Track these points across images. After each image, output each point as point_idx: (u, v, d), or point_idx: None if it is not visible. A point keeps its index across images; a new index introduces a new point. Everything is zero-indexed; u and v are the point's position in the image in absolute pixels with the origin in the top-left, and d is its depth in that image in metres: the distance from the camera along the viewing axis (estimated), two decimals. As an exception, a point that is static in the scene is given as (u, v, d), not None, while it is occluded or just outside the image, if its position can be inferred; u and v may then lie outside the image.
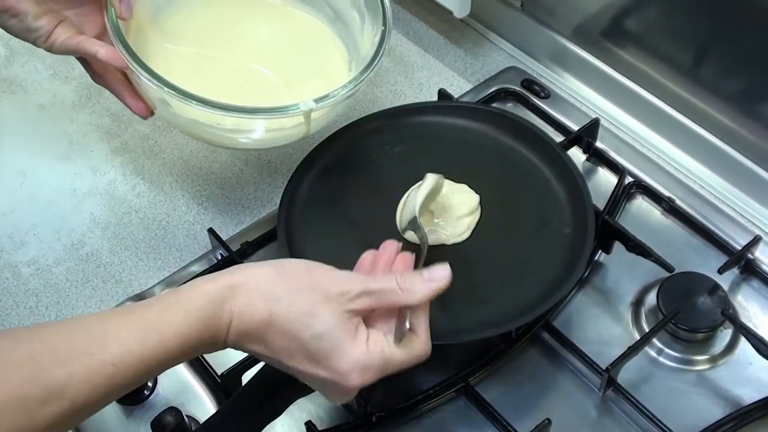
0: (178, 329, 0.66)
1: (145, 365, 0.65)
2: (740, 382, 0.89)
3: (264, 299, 0.68)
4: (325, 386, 0.71)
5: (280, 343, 0.69)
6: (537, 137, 1.02)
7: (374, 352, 0.70)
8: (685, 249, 1.00)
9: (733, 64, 1.03)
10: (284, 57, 1.01)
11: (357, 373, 0.69)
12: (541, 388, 0.91)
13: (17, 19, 0.86)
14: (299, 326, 0.68)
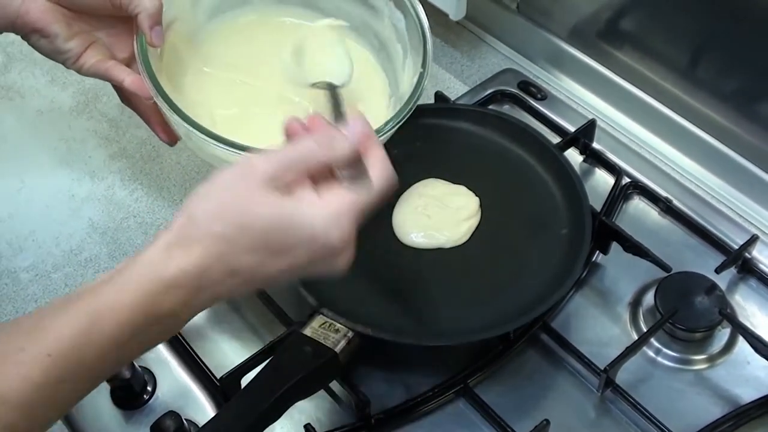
0: (111, 305, 0.62)
1: (83, 349, 0.61)
2: (738, 381, 0.89)
3: (199, 242, 0.63)
4: (316, 263, 0.67)
5: (244, 264, 0.64)
6: (534, 139, 1.02)
7: (332, 200, 0.66)
8: (682, 249, 1.00)
9: (729, 64, 1.03)
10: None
11: (331, 227, 0.65)
12: (539, 389, 0.91)
13: (47, 41, 0.86)
14: (248, 237, 0.64)
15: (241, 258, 0.64)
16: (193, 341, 0.92)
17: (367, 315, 0.87)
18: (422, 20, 0.94)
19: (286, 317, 0.92)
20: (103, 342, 0.61)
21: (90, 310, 0.61)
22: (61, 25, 0.86)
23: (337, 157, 0.67)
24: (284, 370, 0.80)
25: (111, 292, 0.62)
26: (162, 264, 0.63)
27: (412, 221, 0.97)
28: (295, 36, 0.98)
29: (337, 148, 0.67)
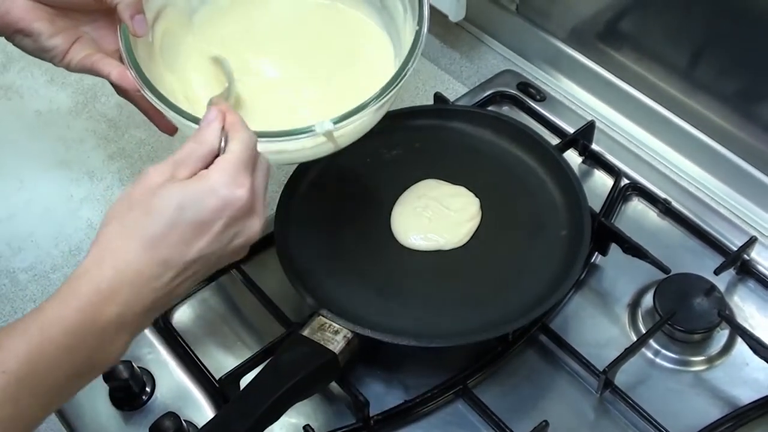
0: (58, 313, 0.63)
1: (35, 361, 0.61)
2: (737, 382, 0.90)
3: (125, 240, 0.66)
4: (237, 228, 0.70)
5: (170, 252, 0.67)
6: (533, 140, 1.02)
7: (221, 167, 0.69)
8: (681, 250, 1.00)
9: (728, 66, 1.03)
10: (329, 54, 0.98)
11: (232, 186, 0.68)
12: (538, 390, 0.91)
13: (31, 39, 0.85)
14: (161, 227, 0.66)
15: (166, 248, 0.67)
16: (192, 342, 0.93)
17: (366, 316, 0.88)
18: None
19: (285, 318, 0.92)
20: (53, 352, 0.62)
21: (39, 324, 0.62)
22: (43, 23, 0.85)
23: (211, 142, 0.71)
24: (283, 371, 0.80)
25: (56, 305, 0.64)
26: (96, 266, 0.65)
27: (411, 223, 0.97)
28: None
29: (208, 139, 0.71)
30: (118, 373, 0.85)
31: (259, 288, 0.95)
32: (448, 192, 0.99)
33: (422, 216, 0.97)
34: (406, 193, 1.00)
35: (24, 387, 0.61)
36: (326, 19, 1.00)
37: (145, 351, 0.92)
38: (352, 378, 0.88)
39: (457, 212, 0.97)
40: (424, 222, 0.96)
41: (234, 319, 0.96)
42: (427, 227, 0.96)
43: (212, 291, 0.98)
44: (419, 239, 0.96)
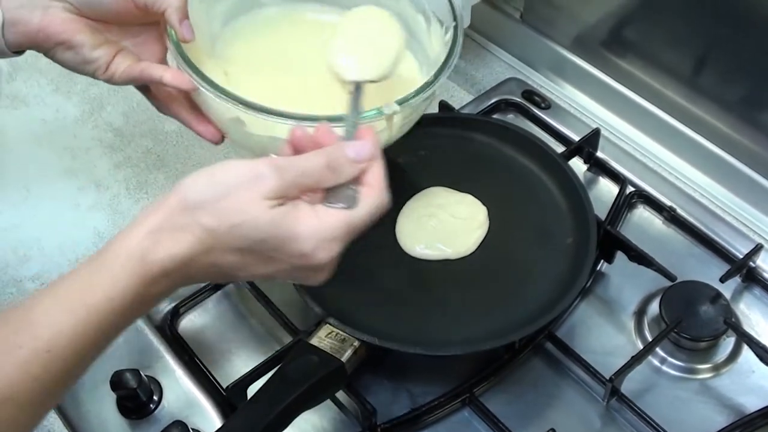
0: (107, 294, 0.62)
1: (81, 341, 0.61)
2: (743, 390, 0.90)
3: (190, 231, 0.64)
4: (297, 275, 0.69)
5: (227, 261, 0.66)
6: (538, 148, 1.03)
7: (329, 221, 0.67)
8: (686, 258, 1.01)
9: (733, 72, 1.04)
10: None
11: (321, 248, 0.66)
12: (545, 398, 0.91)
13: (73, 52, 0.84)
14: (238, 240, 0.65)
15: (227, 256, 0.66)
16: (199, 351, 0.93)
17: (373, 324, 0.87)
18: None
19: (293, 326, 0.92)
20: (99, 333, 0.62)
21: (86, 303, 0.62)
22: (86, 35, 0.84)
23: (343, 180, 0.69)
24: (291, 379, 0.80)
25: (104, 282, 0.63)
26: (151, 250, 0.64)
27: (417, 233, 0.97)
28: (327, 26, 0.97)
29: (344, 174, 0.69)
30: (125, 381, 0.85)
31: (266, 296, 0.95)
32: (455, 200, 0.99)
33: (428, 225, 0.97)
34: (411, 201, 1.00)
35: (67, 365, 0.61)
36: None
37: (152, 359, 0.92)
38: (359, 386, 0.88)
39: (465, 221, 0.97)
40: (429, 231, 0.96)
41: (241, 327, 0.96)
42: (433, 236, 0.96)
43: (219, 299, 0.99)
44: (425, 249, 0.96)
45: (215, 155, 1.15)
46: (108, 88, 1.24)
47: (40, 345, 0.60)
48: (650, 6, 1.08)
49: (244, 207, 0.64)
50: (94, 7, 0.85)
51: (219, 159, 1.11)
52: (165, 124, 1.20)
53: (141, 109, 1.22)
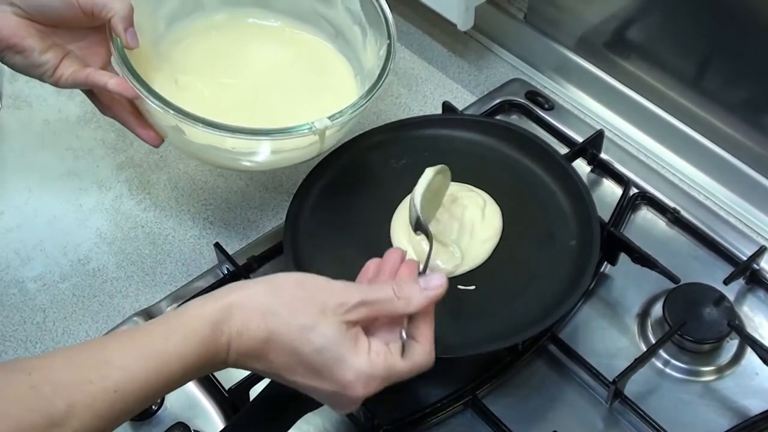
0: (179, 353, 0.66)
1: (147, 390, 0.65)
2: (747, 392, 0.90)
3: (262, 317, 0.68)
4: (329, 398, 0.72)
5: (281, 359, 0.69)
6: (542, 149, 1.03)
7: (377, 361, 0.70)
8: (690, 260, 1.01)
9: (737, 74, 1.04)
10: (291, 78, 1.02)
11: (361, 383, 0.69)
12: (548, 400, 0.91)
13: (22, 56, 0.86)
14: (299, 342, 0.68)
15: (283, 356, 0.69)
16: (201, 352, 0.93)
17: (375, 326, 0.88)
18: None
19: (295, 328, 0.92)
20: (163, 385, 0.66)
21: (159, 354, 0.65)
22: (34, 39, 0.86)
23: (408, 313, 0.72)
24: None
25: (177, 340, 0.66)
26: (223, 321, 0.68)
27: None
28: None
29: (411, 306, 0.72)
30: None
31: (268, 298, 0.95)
32: (471, 200, 0.99)
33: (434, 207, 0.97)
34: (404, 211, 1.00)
35: (130, 406, 0.64)
36: (285, 44, 1.06)
37: (154, 361, 0.92)
38: (362, 388, 0.88)
39: (482, 230, 0.96)
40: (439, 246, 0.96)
41: (243, 329, 0.96)
42: (446, 249, 0.95)
43: (221, 301, 0.99)
44: (438, 264, 0.95)
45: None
46: (110, 88, 1.25)
47: (110, 385, 0.63)
48: (654, 7, 1.08)
49: (313, 317, 0.69)
50: (43, 12, 0.86)
51: None
52: (167, 125, 1.20)
53: None
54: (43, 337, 0.99)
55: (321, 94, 1.00)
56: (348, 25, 1.02)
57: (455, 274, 0.93)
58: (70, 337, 0.99)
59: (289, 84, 1.02)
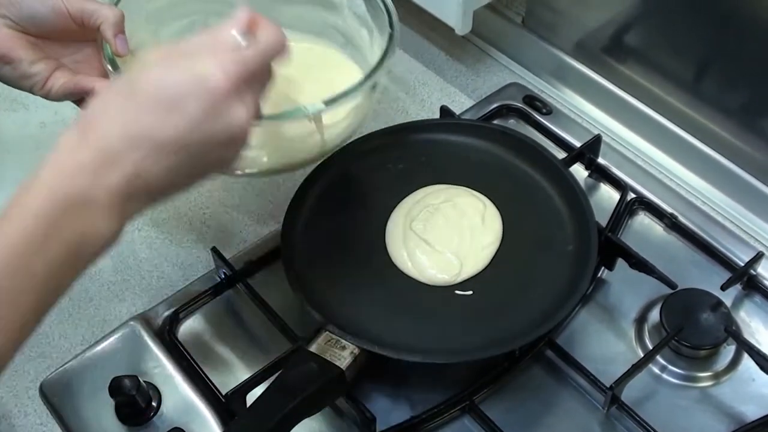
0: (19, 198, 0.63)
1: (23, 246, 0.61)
2: (744, 398, 0.90)
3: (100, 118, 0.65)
4: (212, 119, 0.66)
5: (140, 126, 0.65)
6: (539, 154, 1.03)
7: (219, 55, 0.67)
8: (687, 265, 1.01)
9: (735, 79, 1.04)
10: (301, 92, 1.00)
11: (215, 70, 0.65)
12: (545, 405, 0.91)
13: (11, 67, 0.85)
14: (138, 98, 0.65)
15: (139, 120, 0.65)
16: (198, 357, 0.93)
17: (372, 332, 0.88)
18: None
19: (292, 333, 0.92)
20: (38, 233, 0.61)
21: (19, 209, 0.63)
22: (25, 50, 0.85)
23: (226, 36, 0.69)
24: (291, 387, 0.80)
25: (22, 190, 0.64)
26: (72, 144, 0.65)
27: (412, 251, 0.96)
28: None
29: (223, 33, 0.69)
30: (124, 387, 0.85)
31: (265, 302, 0.95)
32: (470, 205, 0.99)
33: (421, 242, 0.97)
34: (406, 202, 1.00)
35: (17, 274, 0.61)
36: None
37: (151, 365, 0.92)
38: (359, 393, 0.88)
39: (483, 234, 0.97)
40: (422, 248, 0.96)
41: (240, 333, 0.97)
42: (439, 260, 0.95)
43: (218, 305, 0.99)
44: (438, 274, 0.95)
45: (215, 159, 1.15)
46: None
47: None
48: (652, 12, 1.09)
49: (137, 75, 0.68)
50: (34, 23, 0.85)
51: None
52: (165, 128, 1.20)
53: None
54: (39, 341, 0.98)
55: None
56: (356, 29, 1.02)
57: (455, 282, 0.93)
58: (66, 341, 0.99)
59: (300, 98, 0.99)
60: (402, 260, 0.95)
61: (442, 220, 0.98)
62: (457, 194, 1.00)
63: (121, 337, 0.94)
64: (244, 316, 0.98)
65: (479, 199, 1.00)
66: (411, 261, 0.95)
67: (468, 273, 0.94)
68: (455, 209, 0.98)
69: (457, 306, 0.92)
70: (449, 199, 0.99)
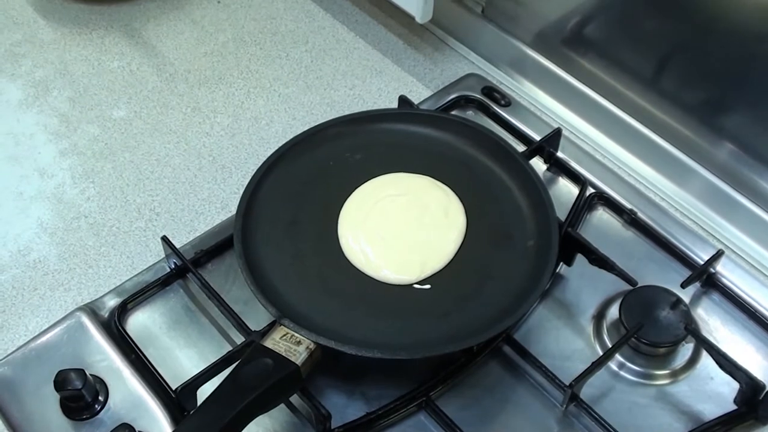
0: None
1: None
2: (701, 397, 0.90)
3: None
4: None
5: None
6: (499, 147, 1.01)
7: None
8: (646, 262, 1.00)
9: (695, 75, 1.04)
10: None
11: None
12: (501, 402, 0.90)
13: None
14: None
15: None
16: (146, 349, 0.90)
17: (328, 326, 0.86)
18: None
19: (245, 327, 0.90)
20: None
21: None
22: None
23: None
24: (244, 384, 0.78)
25: None
26: None
27: (380, 253, 0.94)
28: None
29: None
30: (70, 381, 0.82)
31: (217, 294, 0.93)
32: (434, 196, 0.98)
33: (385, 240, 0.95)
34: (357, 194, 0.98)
35: None
36: None
37: (97, 358, 0.89)
38: (313, 389, 0.86)
39: (447, 228, 0.95)
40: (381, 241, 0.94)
41: (191, 326, 0.94)
42: (403, 259, 0.94)
43: (168, 296, 0.96)
44: (392, 274, 0.93)
45: (163, 144, 1.13)
46: (54, 70, 1.22)
47: None
48: (613, 4, 1.08)
49: None
50: None
51: (173, 159, 1.10)
52: (113, 111, 1.17)
53: (89, 94, 1.19)
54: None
55: None
56: None
57: (418, 280, 0.92)
58: (9, 332, 0.95)
59: None
60: (356, 257, 0.93)
61: (401, 213, 0.96)
62: (419, 185, 0.98)
63: (67, 329, 0.91)
64: (196, 308, 0.95)
65: (442, 189, 0.98)
66: (365, 258, 0.93)
67: (429, 272, 0.92)
68: (416, 201, 0.97)
69: (415, 301, 0.91)
70: (409, 190, 0.98)
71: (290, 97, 1.21)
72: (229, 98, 1.20)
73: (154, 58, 1.25)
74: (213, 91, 1.21)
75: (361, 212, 0.97)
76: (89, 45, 1.27)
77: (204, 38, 1.29)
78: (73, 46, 1.26)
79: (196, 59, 1.26)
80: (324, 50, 1.28)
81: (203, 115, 1.18)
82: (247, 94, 1.21)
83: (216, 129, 1.16)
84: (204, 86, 1.22)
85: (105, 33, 1.28)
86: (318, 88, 1.22)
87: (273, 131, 1.16)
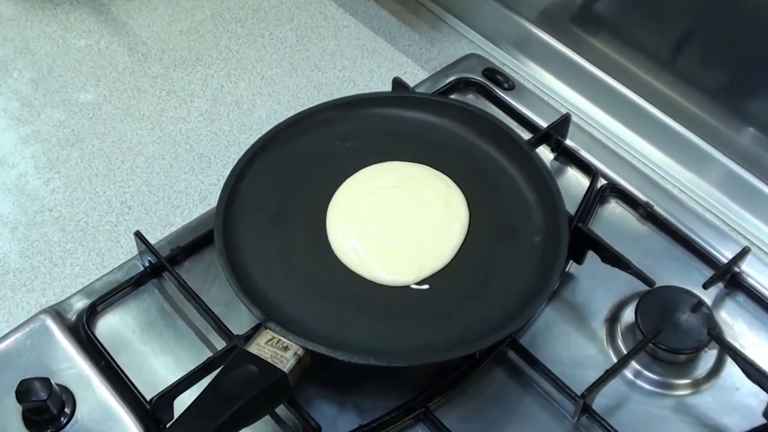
0: None
1: None
2: (726, 409, 0.89)
3: None
4: None
5: None
6: (504, 134, 1.01)
7: None
8: (664, 260, 0.99)
9: (716, 54, 1.03)
10: None
11: None
12: (507, 413, 0.89)
13: None
14: None
15: None
16: (118, 356, 0.89)
17: (318, 330, 0.85)
18: None
19: (227, 330, 0.89)
20: None
21: None
22: None
23: None
24: (227, 393, 0.77)
25: None
26: None
27: (374, 252, 0.93)
28: None
29: None
30: (33, 391, 0.81)
31: (195, 294, 0.92)
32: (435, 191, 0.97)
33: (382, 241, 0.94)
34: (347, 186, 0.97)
35: None
36: None
37: (64, 366, 0.88)
38: (301, 399, 0.86)
39: (447, 223, 0.94)
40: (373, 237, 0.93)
41: (167, 330, 0.93)
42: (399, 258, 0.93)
43: (142, 297, 0.95)
44: (387, 275, 0.92)
45: (135, 131, 1.12)
46: (14, 49, 1.21)
47: None
48: (627, -22, 1.08)
49: None
50: None
51: (147, 147, 1.09)
52: (80, 95, 1.17)
53: (53, 75, 1.19)
54: (-66, 334, 0.94)
55: None
56: None
57: (417, 281, 0.91)
58: (-34, 336, 0.94)
59: None
60: (347, 256, 0.92)
61: (396, 205, 0.95)
62: (415, 174, 0.98)
63: (30, 333, 0.90)
64: (172, 310, 0.95)
65: (441, 179, 0.97)
66: (357, 257, 0.92)
67: (428, 271, 0.91)
68: (413, 193, 0.96)
69: (413, 302, 0.90)
70: (405, 180, 0.97)
71: (274, 79, 1.20)
72: (207, 81, 1.20)
73: (125, 36, 1.25)
74: (190, 73, 1.21)
75: (353, 205, 0.96)
76: (53, 21, 1.26)
77: (179, 15, 1.28)
78: (35, 23, 1.25)
79: (171, 38, 1.25)
80: (311, 28, 1.27)
81: (179, 99, 1.17)
82: (227, 76, 1.20)
83: (193, 114, 1.15)
84: (180, 67, 1.21)
85: (70, 8, 1.28)
86: (304, 70, 1.21)
87: (256, 117, 1.15)
